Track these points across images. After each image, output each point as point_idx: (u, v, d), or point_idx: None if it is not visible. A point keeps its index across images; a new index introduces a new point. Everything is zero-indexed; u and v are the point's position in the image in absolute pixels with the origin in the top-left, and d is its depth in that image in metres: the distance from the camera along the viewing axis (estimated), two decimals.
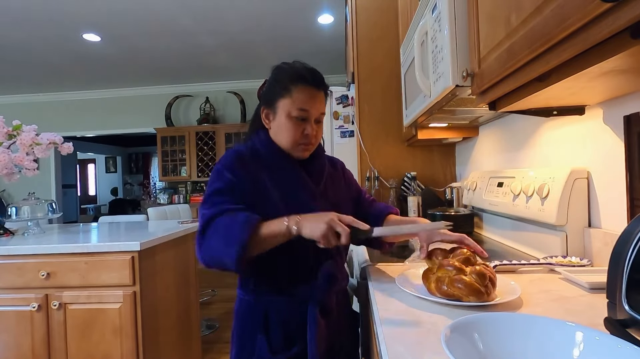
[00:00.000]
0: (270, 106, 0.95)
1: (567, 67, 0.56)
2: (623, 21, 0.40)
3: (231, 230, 0.78)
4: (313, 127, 0.93)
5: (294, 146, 0.93)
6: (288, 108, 0.91)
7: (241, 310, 0.95)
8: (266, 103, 0.96)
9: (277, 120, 0.94)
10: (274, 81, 0.95)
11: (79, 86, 5.49)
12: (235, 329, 0.96)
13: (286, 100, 0.91)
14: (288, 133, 0.92)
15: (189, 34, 3.79)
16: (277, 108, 0.93)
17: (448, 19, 0.92)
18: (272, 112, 0.95)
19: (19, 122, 1.97)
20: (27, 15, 3.28)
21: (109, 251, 1.59)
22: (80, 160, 8.83)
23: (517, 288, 0.74)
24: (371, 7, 2.27)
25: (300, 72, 0.92)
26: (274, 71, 0.97)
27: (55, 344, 1.62)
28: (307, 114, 0.92)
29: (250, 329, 0.92)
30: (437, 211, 1.59)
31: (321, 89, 0.94)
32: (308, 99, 0.91)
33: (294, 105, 0.90)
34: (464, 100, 1.10)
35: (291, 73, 0.93)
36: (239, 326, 0.95)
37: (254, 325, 0.92)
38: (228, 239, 0.77)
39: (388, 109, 2.24)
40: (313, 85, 0.92)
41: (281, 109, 0.92)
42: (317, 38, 4.01)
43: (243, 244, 0.75)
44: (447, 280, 0.72)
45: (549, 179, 1.03)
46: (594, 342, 0.46)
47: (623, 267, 0.49)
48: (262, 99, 0.98)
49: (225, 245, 0.77)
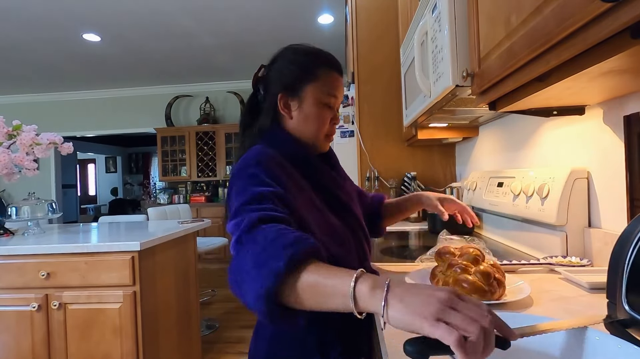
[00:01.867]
0: (292, 92, 0.82)
1: (567, 67, 0.56)
2: (623, 21, 0.40)
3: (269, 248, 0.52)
4: (336, 115, 0.86)
5: (322, 137, 0.84)
6: (317, 94, 0.81)
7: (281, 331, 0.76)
8: (286, 89, 0.82)
9: (303, 108, 0.81)
10: (293, 64, 0.82)
11: (79, 86, 5.49)
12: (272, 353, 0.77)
13: (314, 85, 0.81)
14: (318, 122, 0.81)
15: (189, 34, 3.79)
16: (303, 94, 0.81)
17: (448, 19, 0.92)
18: (296, 100, 0.82)
19: (19, 122, 1.97)
20: (27, 15, 3.28)
21: (109, 251, 1.59)
22: (80, 160, 8.83)
23: (527, 287, 0.74)
24: (371, 7, 2.27)
25: (325, 56, 0.84)
26: (287, 54, 0.85)
27: (55, 344, 1.62)
28: (335, 101, 0.84)
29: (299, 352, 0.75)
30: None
31: (341, 76, 0.87)
32: (336, 84, 0.83)
33: (323, 89, 0.81)
34: (464, 100, 1.10)
35: (314, 56, 0.83)
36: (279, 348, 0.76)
37: (305, 347, 0.75)
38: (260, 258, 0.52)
39: (388, 109, 2.24)
40: (337, 70, 0.85)
41: (309, 95, 0.81)
42: (317, 38, 4.01)
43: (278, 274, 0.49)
44: (452, 280, 0.73)
45: (549, 179, 1.03)
46: (594, 342, 0.46)
47: (623, 267, 0.49)
48: (277, 84, 0.83)
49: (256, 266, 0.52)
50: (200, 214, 5.13)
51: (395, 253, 1.26)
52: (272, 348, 0.77)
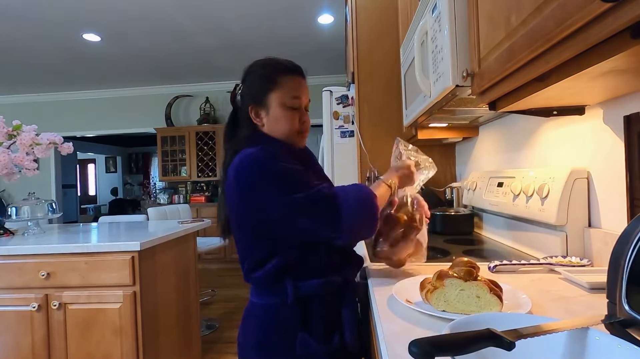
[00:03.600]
0: (259, 103, 0.93)
1: (567, 67, 0.56)
2: (623, 21, 0.40)
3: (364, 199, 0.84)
4: (305, 114, 0.96)
5: (294, 134, 0.94)
6: (280, 99, 0.91)
7: (267, 317, 0.88)
8: (254, 101, 0.94)
9: (270, 114, 0.93)
10: (258, 78, 0.94)
11: (79, 86, 5.49)
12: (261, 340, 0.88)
13: (277, 92, 0.92)
14: (286, 122, 0.92)
15: (189, 34, 3.79)
16: (269, 102, 0.92)
17: (448, 19, 0.92)
18: (263, 108, 0.93)
19: (19, 122, 1.97)
20: (27, 15, 3.28)
21: (109, 251, 1.59)
22: (80, 160, 8.83)
23: (528, 302, 0.68)
24: (371, 7, 2.27)
25: (283, 64, 0.94)
26: (253, 69, 0.96)
27: (55, 344, 1.62)
28: (299, 102, 0.93)
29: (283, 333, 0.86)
30: (437, 212, 1.59)
31: (304, 78, 0.96)
32: (297, 86, 0.93)
33: (286, 94, 0.91)
34: (464, 100, 1.10)
35: (274, 67, 0.94)
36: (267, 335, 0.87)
37: (289, 326, 0.86)
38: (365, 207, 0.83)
39: (388, 109, 2.24)
40: (298, 74, 0.94)
41: (273, 102, 0.92)
42: (317, 38, 4.01)
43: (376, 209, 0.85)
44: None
45: (549, 179, 1.03)
46: (594, 342, 0.46)
47: (623, 267, 0.49)
48: (247, 98, 0.95)
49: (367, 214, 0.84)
50: (200, 214, 5.13)
51: None
52: (260, 336, 0.88)
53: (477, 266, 0.71)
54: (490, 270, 0.94)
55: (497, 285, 0.66)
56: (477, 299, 0.65)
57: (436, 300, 0.67)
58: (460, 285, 0.66)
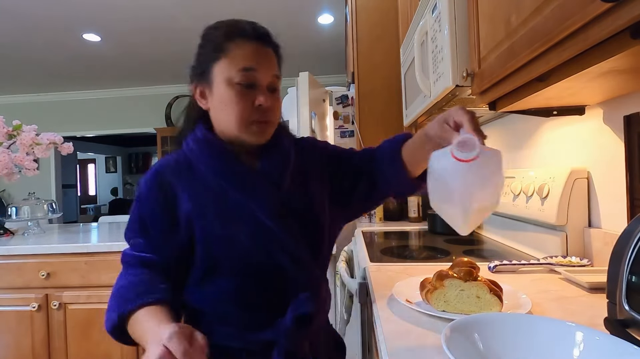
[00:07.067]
0: (202, 77, 0.71)
1: (567, 67, 0.56)
2: (623, 21, 0.40)
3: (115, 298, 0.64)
4: (267, 94, 0.69)
5: (245, 125, 0.68)
6: (227, 72, 0.67)
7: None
8: (197, 76, 0.72)
9: (215, 93, 0.69)
10: (204, 43, 0.73)
11: (79, 86, 5.49)
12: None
13: (222, 63, 0.68)
14: (233, 106, 0.67)
15: (189, 34, 3.79)
16: (213, 76, 0.69)
17: (448, 19, 0.92)
18: (207, 85, 0.70)
19: (19, 122, 1.97)
20: (27, 15, 3.28)
21: (109, 251, 1.59)
22: (80, 160, 8.83)
23: (528, 302, 0.67)
24: (371, 7, 2.27)
25: (237, 25, 0.71)
26: (204, 33, 0.74)
27: (55, 344, 1.62)
28: (255, 76, 0.68)
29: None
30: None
31: (268, 45, 0.71)
32: (252, 55, 0.68)
33: (233, 65, 0.67)
34: (464, 100, 1.10)
35: (225, 29, 0.71)
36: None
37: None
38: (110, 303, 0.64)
39: (388, 109, 2.24)
40: (256, 39, 0.69)
41: (218, 76, 0.68)
42: (317, 38, 4.01)
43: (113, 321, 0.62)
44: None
45: (549, 179, 1.03)
46: (594, 342, 0.46)
47: (623, 267, 0.49)
48: (191, 72, 0.74)
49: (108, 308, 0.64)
50: None
51: (395, 253, 1.26)
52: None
53: (477, 267, 0.71)
54: (490, 270, 0.94)
55: (497, 285, 0.66)
56: (477, 299, 0.65)
57: (436, 300, 0.67)
58: (460, 285, 0.66)
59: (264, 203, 0.69)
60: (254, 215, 0.68)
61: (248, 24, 0.71)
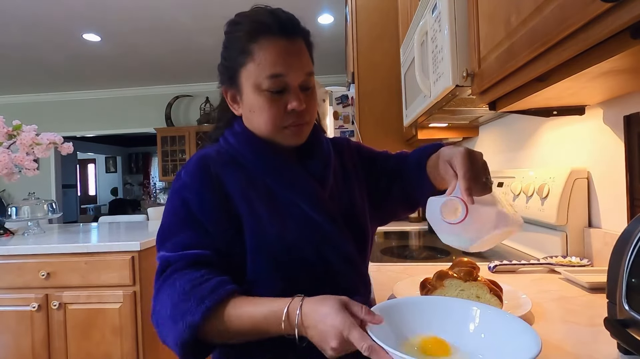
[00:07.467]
0: (231, 83, 0.67)
1: (567, 67, 0.56)
2: (623, 21, 0.40)
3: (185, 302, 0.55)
4: (299, 96, 0.64)
5: (277, 130, 0.65)
6: (254, 78, 0.63)
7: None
8: (226, 80, 0.69)
9: (244, 100, 0.66)
10: (228, 43, 0.68)
11: (79, 86, 5.49)
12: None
13: (249, 67, 0.63)
14: (263, 114, 0.64)
15: (189, 34, 3.79)
16: (241, 81, 0.65)
17: (448, 19, 0.92)
18: (237, 90, 0.67)
19: (19, 122, 1.97)
20: (27, 15, 3.28)
21: (109, 251, 1.59)
22: (80, 160, 8.83)
23: (528, 302, 0.67)
24: (371, 7, 2.27)
25: (259, 19, 0.64)
26: (225, 31, 0.69)
27: (55, 344, 1.62)
28: (284, 81, 0.63)
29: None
30: None
31: (297, 37, 0.66)
32: (279, 59, 0.62)
33: (260, 71, 0.62)
34: (464, 100, 1.10)
35: (247, 27, 0.64)
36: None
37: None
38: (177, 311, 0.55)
39: (388, 109, 2.24)
40: (281, 33, 0.63)
41: (246, 82, 0.64)
42: (317, 38, 3.99)
43: (193, 327, 0.53)
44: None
45: (549, 179, 1.03)
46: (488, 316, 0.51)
47: (623, 267, 0.49)
48: (220, 75, 0.71)
49: (173, 318, 0.55)
50: None
51: (396, 253, 1.26)
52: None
53: (477, 267, 0.71)
54: (490, 270, 0.94)
55: (497, 285, 0.66)
56: (477, 299, 0.65)
57: None
58: (460, 285, 0.66)
59: (313, 199, 0.66)
60: (303, 211, 0.65)
61: (270, 15, 0.64)
